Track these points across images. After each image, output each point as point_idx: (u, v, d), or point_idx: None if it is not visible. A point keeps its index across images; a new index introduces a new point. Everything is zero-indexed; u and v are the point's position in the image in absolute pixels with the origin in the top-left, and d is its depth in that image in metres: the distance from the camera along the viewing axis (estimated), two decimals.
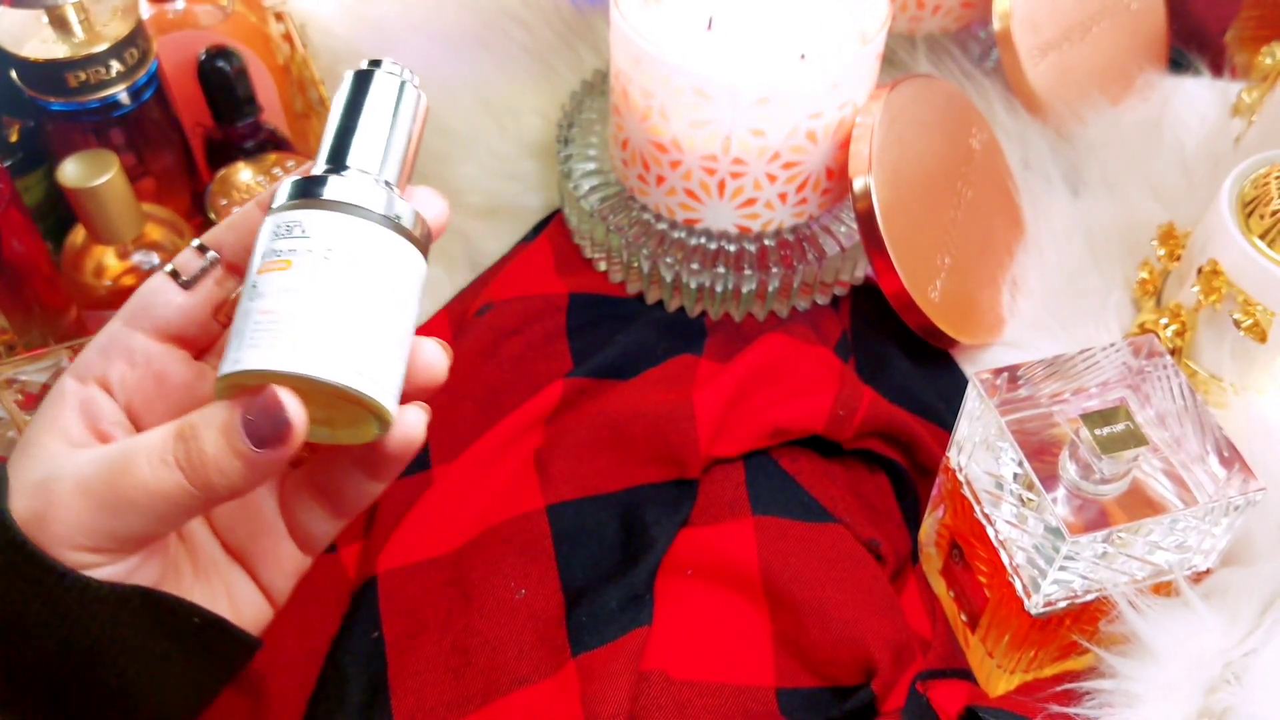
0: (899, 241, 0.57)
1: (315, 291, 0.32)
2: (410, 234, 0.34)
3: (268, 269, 0.32)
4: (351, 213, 0.33)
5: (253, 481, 0.32)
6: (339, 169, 0.34)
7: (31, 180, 0.60)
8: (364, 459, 0.36)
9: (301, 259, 0.32)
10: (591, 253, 0.65)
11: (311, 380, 0.31)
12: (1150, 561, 0.44)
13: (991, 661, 0.48)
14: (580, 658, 0.49)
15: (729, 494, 0.54)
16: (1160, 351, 0.47)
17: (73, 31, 0.55)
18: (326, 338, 0.31)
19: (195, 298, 0.36)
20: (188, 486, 0.32)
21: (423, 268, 0.35)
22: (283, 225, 0.33)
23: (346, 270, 0.32)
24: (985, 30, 0.76)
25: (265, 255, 0.33)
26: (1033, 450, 0.44)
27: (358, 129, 0.35)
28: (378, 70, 0.36)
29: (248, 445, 0.31)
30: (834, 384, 0.56)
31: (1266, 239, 0.53)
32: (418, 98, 0.36)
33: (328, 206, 0.33)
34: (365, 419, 0.33)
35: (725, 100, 0.54)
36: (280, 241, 0.33)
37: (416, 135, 0.36)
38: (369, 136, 0.35)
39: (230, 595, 0.38)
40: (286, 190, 0.34)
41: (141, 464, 0.32)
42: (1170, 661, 0.45)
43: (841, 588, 0.50)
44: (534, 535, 0.52)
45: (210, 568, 0.38)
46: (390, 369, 0.33)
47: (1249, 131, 0.68)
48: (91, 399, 0.35)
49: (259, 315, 0.31)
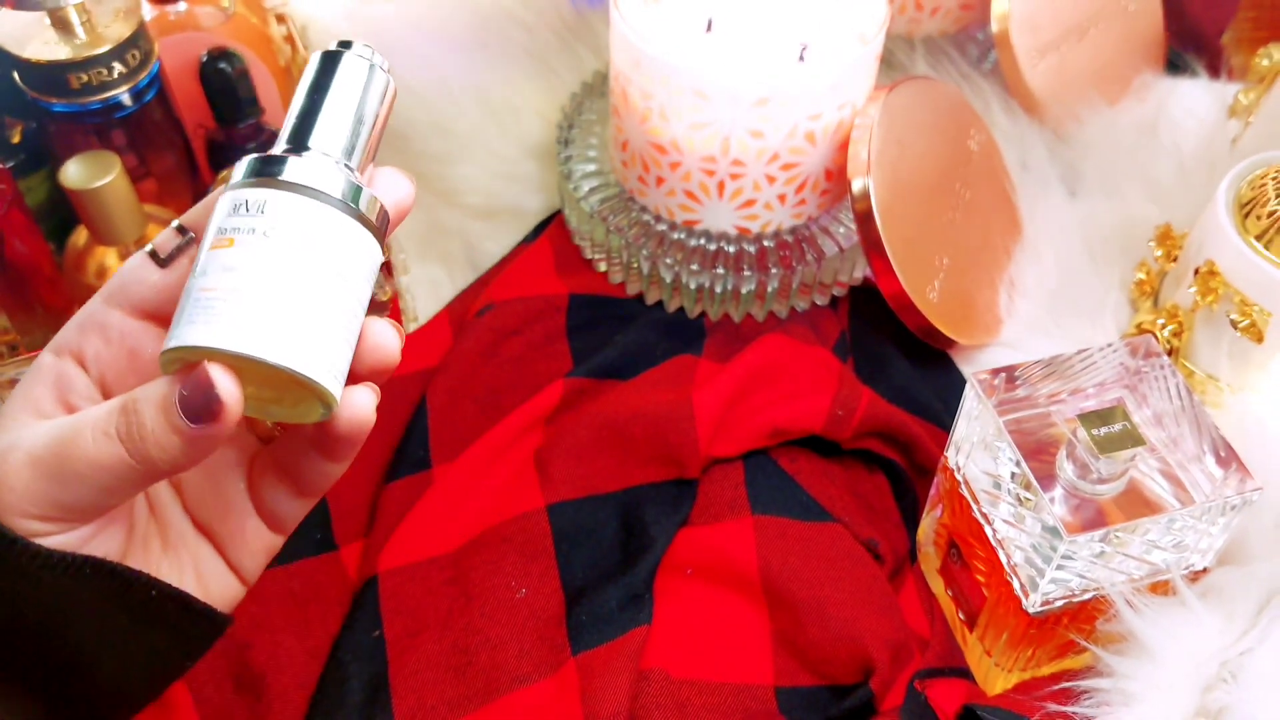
0: (897, 242, 0.57)
1: (255, 270, 0.31)
2: (363, 217, 0.34)
3: (215, 245, 0.32)
4: (302, 193, 0.33)
5: (191, 456, 0.32)
6: (298, 149, 0.34)
7: (34, 181, 0.60)
8: (318, 440, 0.36)
9: (245, 237, 0.32)
10: (591, 253, 0.65)
11: (246, 358, 0.31)
12: (1147, 561, 0.45)
13: (989, 660, 0.49)
14: (580, 656, 0.49)
15: (728, 493, 0.54)
16: (1157, 352, 0.47)
17: (75, 33, 0.55)
18: (263, 316, 0.31)
19: (171, 276, 0.36)
20: (128, 459, 0.32)
21: (376, 252, 0.34)
22: (234, 203, 0.33)
23: (289, 249, 0.32)
24: (983, 32, 0.76)
25: (215, 233, 0.33)
26: (1030, 450, 0.44)
27: (321, 110, 0.35)
28: (346, 52, 0.35)
29: (183, 420, 0.31)
30: (833, 384, 0.56)
31: (1263, 240, 0.54)
32: (385, 82, 0.36)
33: (279, 186, 0.32)
34: (310, 399, 0.33)
35: (724, 102, 0.55)
36: (230, 219, 0.32)
37: (381, 119, 0.36)
38: (331, 118, 0.35)
39: (198, 571, 0.38)
40: (244, 168, 0.33)
41: (86, 436, 0.32)
42: (1167, 660, 0.45)
43: (840, 587, 0.51)
44: (534, 534, 0.53)
45: (179, 543, 0.38)
46: (331, 350, 0.33)
47: (1246, 133, 0.68)
48: (65, 373, 0.35)
49: (199, 292, 0.32)
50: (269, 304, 0.31)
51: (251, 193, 0.32)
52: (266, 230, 0.32)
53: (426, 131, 0.71)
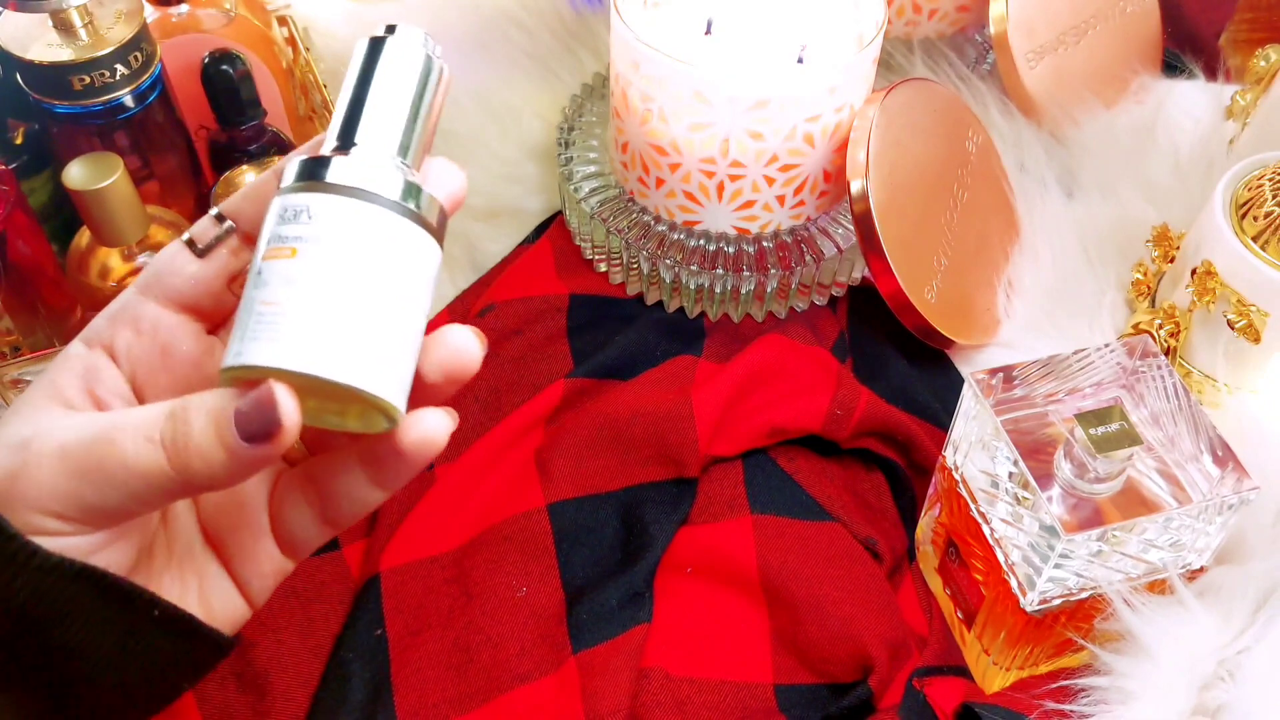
0: (896, 243, 0.57)
1: (318, 283, 0.30)
2: (423, 219, 0.32)
3: (272, 255, 0.31)
4: (359, 197, 0.31)
5: (234, 475, 0.31)
6: (347, 146, 0.32)
7: (37, 183, 0.60)
8: (373, 458, 0.34)
9: (306, 247, 0.30)
10: (592, 254, 0.65)
11: (312, 378, 0.30)
12: (1144, 560, 0.45)
13: (987, 659, 0.49)
14: (581, 655, 0.49)
15: (728, 493, 0.55)
16: (1154, 352, 0.47)
17: (77, 35, 0.55)
18: (328, 333, 0.30)
19: (210, 267, 0.35)
20: (167, 468, 0.30)
21: (436, 254, 0.33)
22: (289, 209, 0.31)
23: (352, 260, 0.30)
24: (981, 34, 0.77)
25: (270, 240, 0.31)
26: (1028, 449, 0.44)
27: (369, 101, 0.33)
28: (391, 37, 0.33)
29: (235, 438, 0.30)
30: (831, 384, 0.57)
31: (1260, 241, 0.54)
32: (438, 69, 0.34)
33: (334, 190, 0.31)
34: (373, 413, 0.32)
35: (724, 103, 0.55)
36: (285, 227, 0.31)
37: (436, 108, 0.34)
38: (382, 110, 0.33)
39: (203, 589, 0.36)
40: (294, 170, 0.32)
41: (127, 437, 0.30)
42: (1164, 659, 0.45)
43: (839, 585, 0.51)
44: (535, 533, 0.53)
45: (185, 556, 0.36)
46: (396, 363, 0.31)
47: (1243, 134, 0.68)
48: (94, 365, 0.34)
49: (261, 306, 0.30)
50: (337, 320, 0.30)
51: (309, 198, 0.31)
52: (324, 238, 0.31)
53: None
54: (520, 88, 0.74)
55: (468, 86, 0.74)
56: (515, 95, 0.74)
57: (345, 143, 0.32)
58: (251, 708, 0.48)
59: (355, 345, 0.30)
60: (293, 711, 0.48)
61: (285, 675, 0.49)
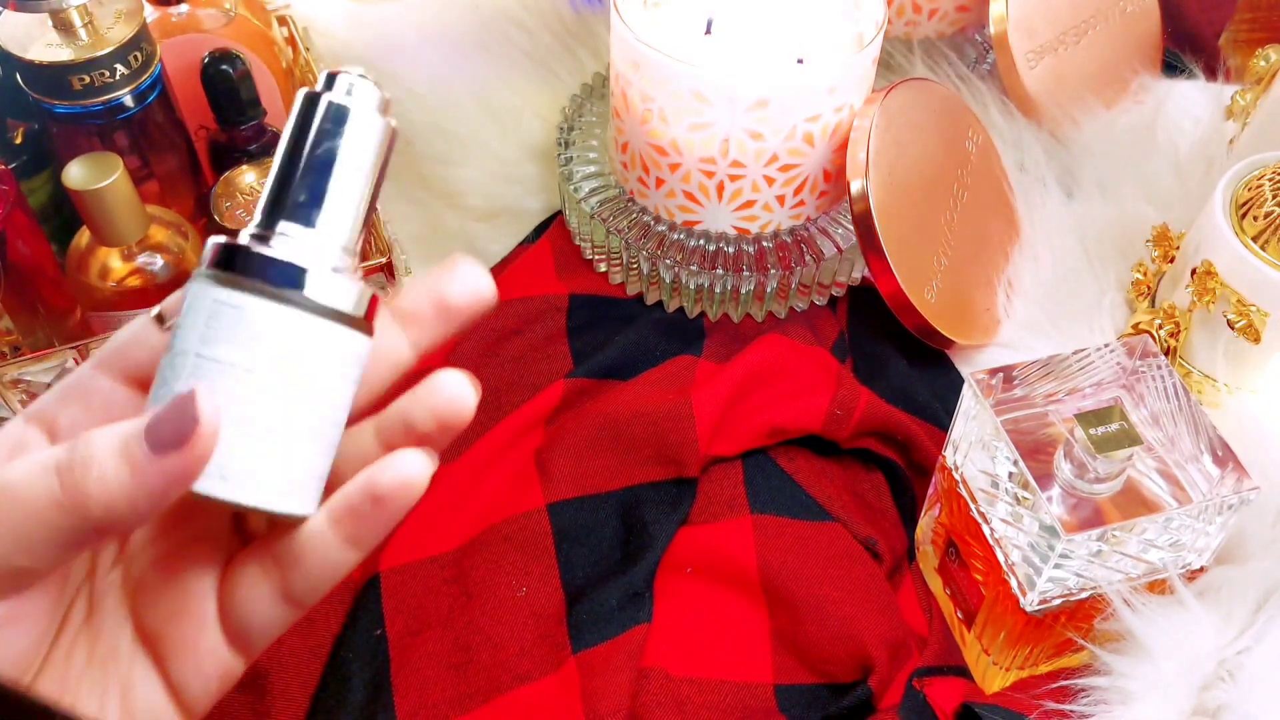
0: (895, 243, 0.57)
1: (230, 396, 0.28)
2: (348, 317, 0.29)
3: (181, 355, 0.29)
4: (268, 297, 0.28)
5: (136, 501, 0.26)
6: (269, 228, 0.29)
7: (36, 183, 0.60)
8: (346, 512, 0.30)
9: (218, 351, 0.28)
10: (592, 254, 0.65)
11: (211, 499, 0.28)
12: (1144, 560, 0.45)
13: (987, 658, 0.49)
14: (580, 655, 0.49)
15: (727, 493, 0.55)
16: (1154, 352, 0.47)
17: (77, 35, 0.55)
18: (236, 453, 0.28)
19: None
20: (59, 495, 0.25)
21: (364, 348, 0.30)
22: (199, 300, 0.29)
23: (262, 368, 0.28)
24: (981, 34, 0.77)
25: (185, 332, 0.29)
26: (1028, 450, 0.44)
27: (300, 173, 0.30)
28: (329, 93, 0.30)
29: (141, 450, 0.25)
30: (831, 384, 0.57)
31: (1260, 241, 0.54)
32: (380, 127, 0.31)
33: (245, 287, 0.28)
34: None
35: (723, 103, 0.55)
36: (195, 323, 0.28)
37: (375, 174, 0.31)
38: (312, 182, 0.30)
39: (125, 694, 0.30)
40: (209, 253, 0.29)
41: (16, 467, 0.26)
42: (1165, 659, 0.45)
43: (839, 585, 0.51)
44: (535, 533, 0.53)
45: (109, 655, 0.30)
46: (307, 472, 0.29)
47: (1242, 134, 0.68)
48: (24, 441, 0.30)
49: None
50: (242, 437, 0.28)
51: (221, 292, 0.28)
52: (236, 344, 0.28)
53: (427, 134, 0.71)
54: (520, 88, 0.74)
55: (467, 87, 0.74)
56: (515, 95, 0.74)
57: (268, 224, 0.30)
58: (251, 708, 0.48)
59: (263, 465, 0.28)
60: (293, 711, 0.48)
61: (285, 675, 0.49)
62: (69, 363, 0.53)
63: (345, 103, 0.30)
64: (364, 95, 0.31)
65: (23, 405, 0.54)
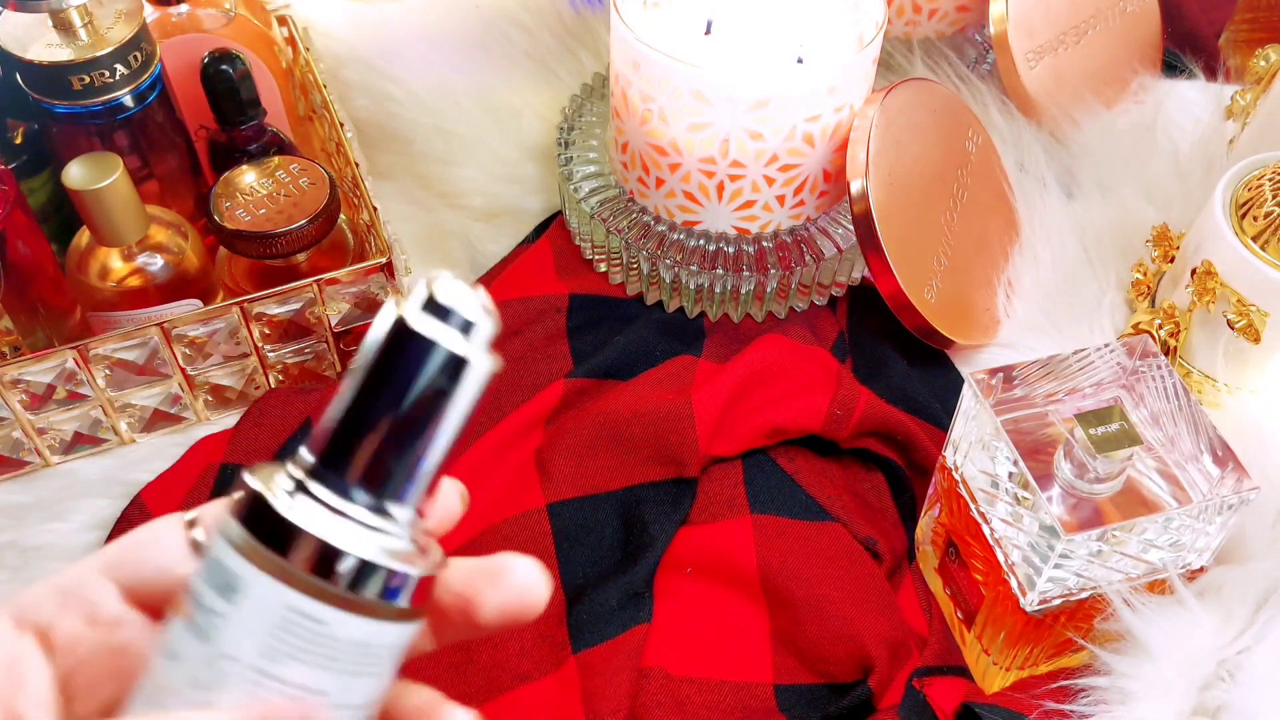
0: (895, 243, 0.57)
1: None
2: (406, 613, 0.24)
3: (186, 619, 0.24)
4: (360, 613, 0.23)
5: None
6: (344, 495, 0.23)
7: (36, 183, 0.60)
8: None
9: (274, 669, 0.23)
10: (592, 254, 0.65)
11: None
12: (1144, 560, 0.45)
13: (987, 659, 0.49)
14: (581, 655, 0.49)
15: (728, 493, 0.55)
16: (1154, 352, 0.47)
17: (77, 35, 0.55)
18: None
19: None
20: None
21: (407, 636, 0.25)
22: (258, 593, 0.23)
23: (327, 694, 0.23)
24: (981, 34, 0.77)
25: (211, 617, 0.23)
26: (1028, 450, 0.44)
27: (389, 433, 0.23)
28: (422, 332, 0.23)
29: None
30: (831, 384, 0.57)
31: (1260, 241, 0.54)
32: (491, 369, 0.24)
33: (333, 601, 0.23)
34: None
35: (723, 104, 0.55)
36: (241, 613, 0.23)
37: (462, 423, 0.25)
38: (408, 448, 0.24)
39: None
40: (242, 503, 0.24)
41: None
42: (1165, 659, 0.45)
43: (839, 585, 0.51)
44: (535, 534, 0.53)
45: None
46: None
47: (1242, 134, 0.68)
48: (16, 662, 0.25)
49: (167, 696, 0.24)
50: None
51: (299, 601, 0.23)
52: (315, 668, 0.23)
53: (428, 134, 0.71)
54: (520, 88, 0.74)
55: (467, 87, 0.74)
56: (515, 95, 0.74)
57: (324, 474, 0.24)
58: None
59: None
60: None
61: None
62: (68, 363, 0.53)
63: (465, 352, 0.24)
64: (482, 332, 0.24)
65: (23, 406, 0.54)
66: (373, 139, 0.72)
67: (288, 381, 0.61)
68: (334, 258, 0.61)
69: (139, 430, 0.59)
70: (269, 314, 0.56)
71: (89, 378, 0.55)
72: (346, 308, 0.58)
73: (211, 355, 0.57)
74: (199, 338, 0.55)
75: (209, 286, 0.60)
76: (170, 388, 0.57)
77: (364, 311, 0.59)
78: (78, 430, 0.57)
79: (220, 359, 0.57)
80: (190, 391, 0.58)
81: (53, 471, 0.58)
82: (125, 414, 0.58)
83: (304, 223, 0.56)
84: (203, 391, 0.59)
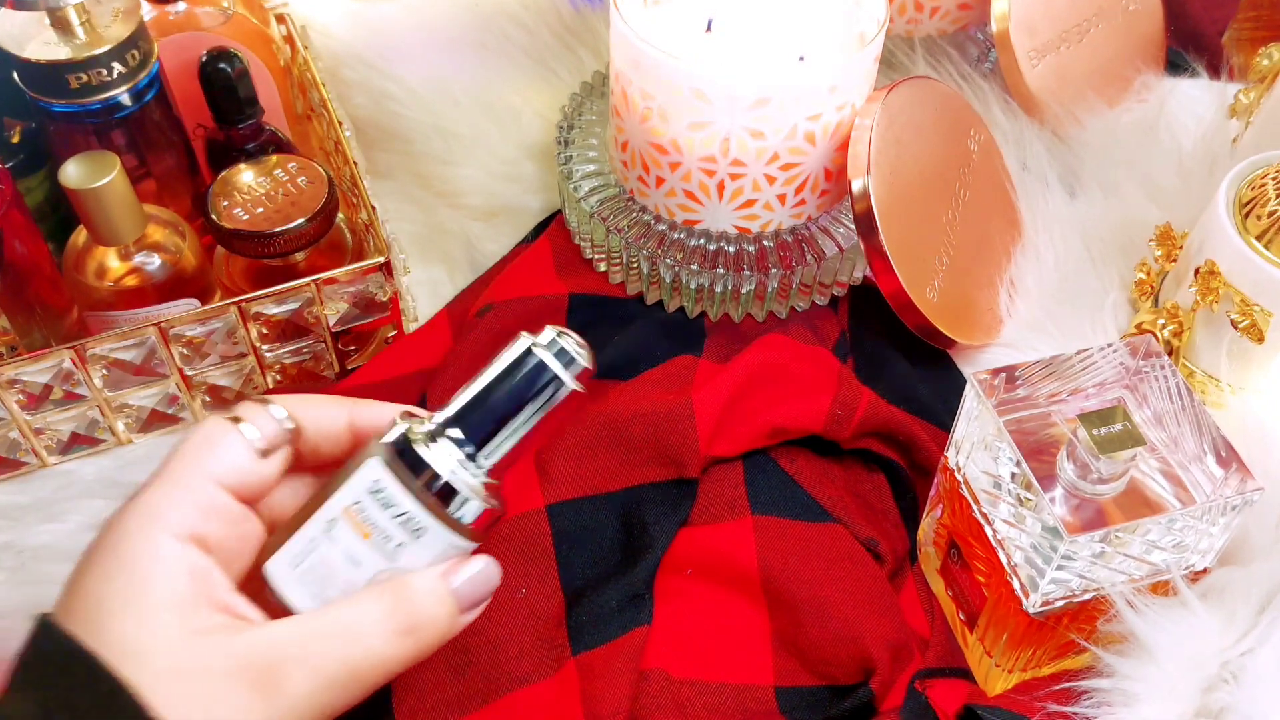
0: (897, 242, 0.57)
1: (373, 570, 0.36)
2: (473, 534, 0.38)
3: (351, 521, 0.37)
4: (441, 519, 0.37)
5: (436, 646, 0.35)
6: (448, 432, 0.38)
7: (33, 182, 0.60)
8: None
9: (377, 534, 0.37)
10: (591, 254, 0.65)
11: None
12: (1148, 561, 0.45)
13: (989, 660, 0.49)
14: (580, 656, 0.49)
15: (728, 493, 0.54)
16: (1157, 352, 0.47)
17: (74, 33, 0.55)
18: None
19: (273, 465, 0.37)
20: (414, 653, 0.34)
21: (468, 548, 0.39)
22: (381, 492, 0.37)
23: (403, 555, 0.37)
24: (983, 32, 0.76)
25: (354, 502, 0.37)
26: (1030, 450, 0.44)
27: (489, 404, 0.38)
28: (535, 356, 0.39)
29: (459, 609, 0.35)
30: (832, 384, 0.56)
31: (1263, 240, 0.54)
32: (569, 392, 0.39)
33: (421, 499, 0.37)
34: None
35: (724, 102, 0.55)
36: (372, 507, 0.37)
37: (543, 420, 0.39)
38: (510, 431, 0.38)
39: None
40: (396, 436, 0.37)
41: (374, 638, 0.33)
42: (1168, 661, 0.45)
43: (840, 587, 0.51)
44: (534, 534, 0.53)
45: None
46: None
47: (1246, 133, 0.68)
48: (198, 567, 0.34)
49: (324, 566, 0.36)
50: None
51: (398, 495, 0.37)
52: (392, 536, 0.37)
53: (427, 133, 0.71)
54: (520, 86, 0.74)
55: (467, 85, 0.74)
56: (515, 94, 0.74)
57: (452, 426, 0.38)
58: None
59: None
60: None
61: None
62: (65, 362, 0.53)
63: (560, 374, 0.39)
64: (577, 365, 0.40)
65: (20, 406, 0.54)
66: (371, 138, 0.72)
67: (285, 381, 0.60)
68: (332, 257, 0.61)
69: (136, 431, 0.59)
70: (267, 313, 0.56)
71: (86, 378, 0.54)
72: (345, 307, 0.58)
73: (209, 355, 0.56)
74: (196, 337, 0.55)
75: (206, 286, 0.60)
76: (168, 388, 0.57)
77: (362, 311, 0.58)
78: (75, 430, 0.57)
79: (218, 359, 0.57)
80: (188, 392, 0.58)
81: (50, 472, 0.58)
82: (122, 414, 0.57)
83: (302, 222, 0.56)
84: (200, 392, 0.58)
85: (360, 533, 0.36)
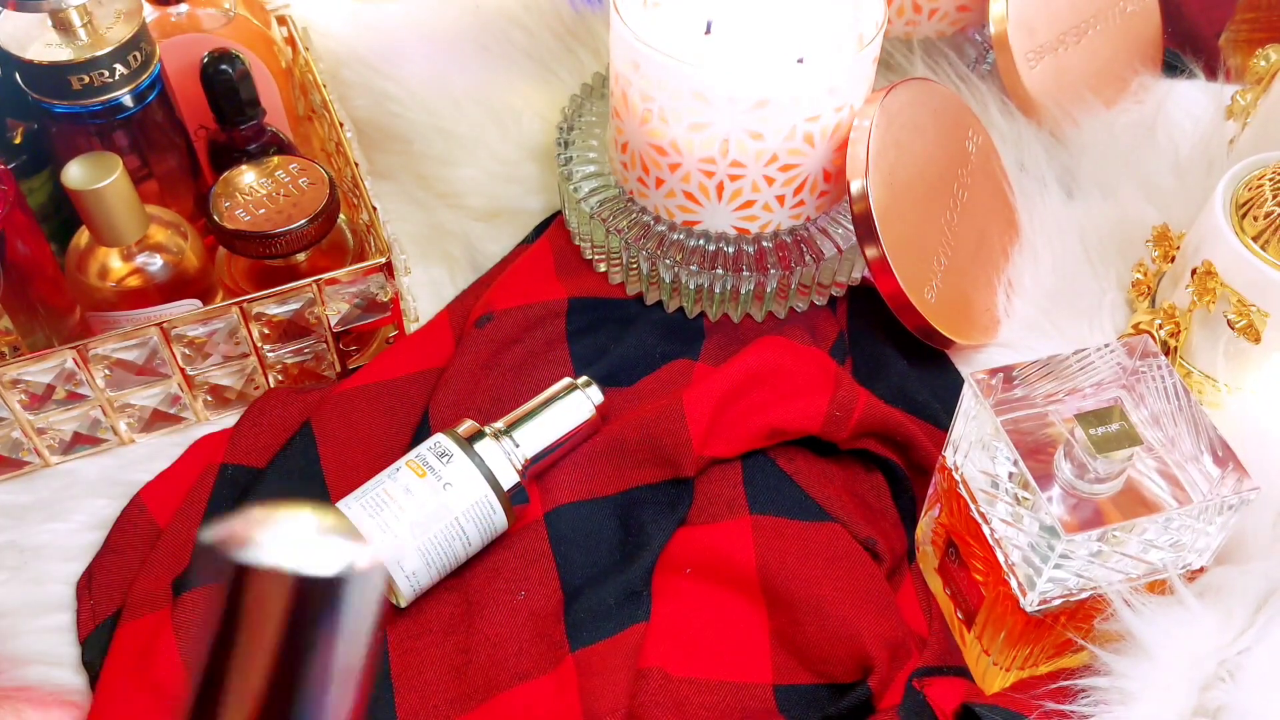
0: (896, 243, 0.57)
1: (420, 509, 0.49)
2: (507, 503, 0.51)
3: (412, 465, 0.51)
4: (481, 472, 0.50)
5: None
6: (503, 434, 0.53)
7: (36, 183, 0.60)
8: None
9: (432, 476, 0.50)
10: (591, 254, 0.65)
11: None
12: (1145, 560, 0.45)
13: (987, 659, 0.49)
14: (579, 653, 0.49)
15: (727, 493, 0.54)
16: (1154, 352, 0.47)
17: (76, 35, 0.55)
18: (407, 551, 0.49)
19: None
20: None
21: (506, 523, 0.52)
22: (440, 444, 0.51)
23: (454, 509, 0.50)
24: (981, 34, 0.77)
25: (416, 456, 0.51)
26: (1028, 450, 0.44)
27: (536, 419, 0.54)
28: (574, 392, 0.55)
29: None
30: (829, 385, 0.57)
31: (1260, 240, 0.54)
32: (592, 418, 0.55)
33: (471, 457, 0.51)
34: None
35: (723, 103, 0.55)
36: (430, 454, 0.51)
37: (565, 437, 0.55)
38: (537, 428, 0.54)
39: None
40: (471, 430, 0.52)
41: None
42: (1165, 659, 0.45)
43: (838, 586, 0.51)
44: (533, 538, 0.53)
45: None
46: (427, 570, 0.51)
47: (1243, 134, 0.68)
48: None
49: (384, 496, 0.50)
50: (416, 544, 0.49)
51: (453, 447, 0.51)
52: (444, 483, 0.50)
53: (428, 133, 0.71)
54: (520, 88, 0.74)
55: (467, 86, 0.74)
56: (515, 95, 0.74)
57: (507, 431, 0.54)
58: None
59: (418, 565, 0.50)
60: None
61: None
62: (68, 363, 0.53)
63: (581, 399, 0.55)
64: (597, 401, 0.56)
65: (22, 406, 0.54)
66: (372, 139, 0.72)
67: (287, 381, 0.60)
68: (333, 257, 0.61)
69: (138, 430, 0.59)
70: (268, 314, 0.56)
71: (88, 378, 0.54)
72: (346, 308, 0.58)
73: (211, 355, 0.57)
74: (198, 338, 0.55)
75: (208, 286, 0.60)
76: (170, 388, 0.57)
77: (363, 311, 0.59)
78: (77, 430, 0.57)
79: (220, 359, 0.57)
80: (189, 391, 0.58)
81: (52, 471, 0.58)
82: (125, 414, 0.57)
83: (303, 223, 0.56)
84: (202, 391, 0.59)
85: (417, 473, 0.50)
